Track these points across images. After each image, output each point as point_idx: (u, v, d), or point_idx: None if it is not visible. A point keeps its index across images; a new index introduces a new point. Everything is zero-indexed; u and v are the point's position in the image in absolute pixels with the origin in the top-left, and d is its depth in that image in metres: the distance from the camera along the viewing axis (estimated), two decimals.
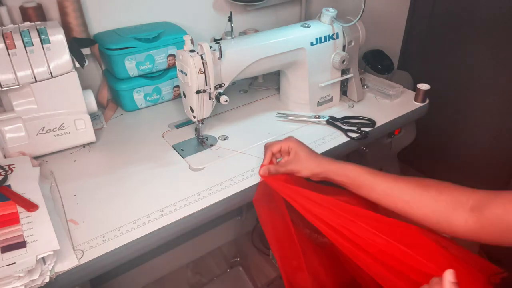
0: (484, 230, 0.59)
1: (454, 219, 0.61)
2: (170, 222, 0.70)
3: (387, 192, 0.67)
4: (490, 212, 0.58)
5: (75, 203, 0.75)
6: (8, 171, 0.76)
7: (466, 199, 0.61)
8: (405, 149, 1.37)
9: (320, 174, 0.72)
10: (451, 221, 0.61)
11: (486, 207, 0.58)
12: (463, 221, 0.60)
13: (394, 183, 0.67)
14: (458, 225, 0.61)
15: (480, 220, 0.59)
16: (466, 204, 0.61)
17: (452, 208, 0.62)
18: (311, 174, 0.72)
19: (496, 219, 0.57)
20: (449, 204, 0.62)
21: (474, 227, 0.59)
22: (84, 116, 0.89)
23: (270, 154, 0.76)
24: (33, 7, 0.92)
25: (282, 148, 0.76)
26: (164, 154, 0.90)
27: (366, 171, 0.70)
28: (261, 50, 0.92)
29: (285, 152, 0.77)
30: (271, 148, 0.77)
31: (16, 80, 0.78)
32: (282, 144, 0.76)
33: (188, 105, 0.90)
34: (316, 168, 0.72)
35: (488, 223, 0.58)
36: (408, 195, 0.65)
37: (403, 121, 1.04)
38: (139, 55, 1.02)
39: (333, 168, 0.72)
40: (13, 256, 0.58)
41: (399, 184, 0.67)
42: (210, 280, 1.30)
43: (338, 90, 1.09)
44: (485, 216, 0.58)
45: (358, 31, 1.04)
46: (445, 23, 1.49)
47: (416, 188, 0.65)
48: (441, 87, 1.53)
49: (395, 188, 0.66)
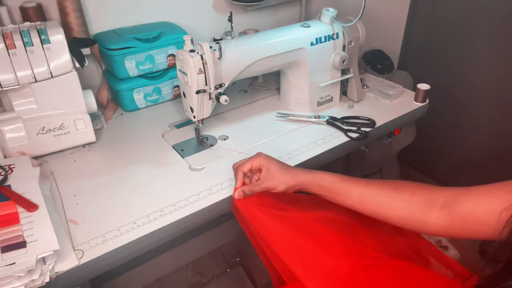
0: (455, 225, 0.60)
1: (427, 218, 0.63)
2: (170, 222, 0.70)
3: (362, 198, 0.68)
4: (460, 207, 0.60)
5: (75, 203, 0.75)
6: (8, 171, 0.76)
7: (436, 198, 0.63)
8: (405, 149, 1.37)
9: (295, 187, 0.72)
10: (425, 221, 0.63)
11: (456, 203, 0.60)
12: (436, 219, 0.62)
13: (367, 189, 0.68)
14: (432, 224, 0.62)
15: (451, 217, 0.60)
16: (437, 202, 0.63)
17: (425, 208, 0.63)
18: (287, 188, 0.71)
19: (466, 214, 0.59)
20: (422, 204, 0.64)
21: (446, 224, 0.61)
22: (84, 116, 0.89)
23: (241, 175, 0.73)
24: (33, 7, 0.92)
25: (252, 166, 0.73)
26: (164, 154, 0.90)
27: (340, 178, 0.71)
28: (261, 50, 0.92)
29: (256, 170, 0.74)
30: (241, 168, 0.73)
31: (16, 80, 0.78)
32: (252, 162, 0.73)
33: (188, 105, 0.90)
34: (291, 181, 0.71)
35: (459, 218, 0.59)
36: (382, 199, 0.66)
37: (403, 121, 1.04)
38: (139, 55, 1.02)
39: (307, 178, 0.71)
40: (13, 256, 0.58)
41: (373, 189, 0.68)
42: (210, 280, 1.30)
43: (338, 90, 1.09)
44: (455, 212, 0.60)
45: (358, 31, 1.04)
46: (445, 23, 1.49)
47: (389, 191, 0.67)
48: (441, 87, 1.53)
49: (369, 194, 0.68)
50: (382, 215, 0.67)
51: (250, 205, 0.70)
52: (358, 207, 0.69)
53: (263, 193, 0.72)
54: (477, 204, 0.58)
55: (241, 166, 0.74)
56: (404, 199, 0.65)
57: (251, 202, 0.71)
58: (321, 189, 0.71)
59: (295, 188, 0.72)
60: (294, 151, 0.90)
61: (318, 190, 0.71)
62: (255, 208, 0.70)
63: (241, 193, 0.70)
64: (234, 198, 0.71)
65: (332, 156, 0.91)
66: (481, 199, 0.58)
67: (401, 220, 0.65)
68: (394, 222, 0.66)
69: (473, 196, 0.59)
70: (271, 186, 0.71)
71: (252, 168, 0.73)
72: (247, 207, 0.70)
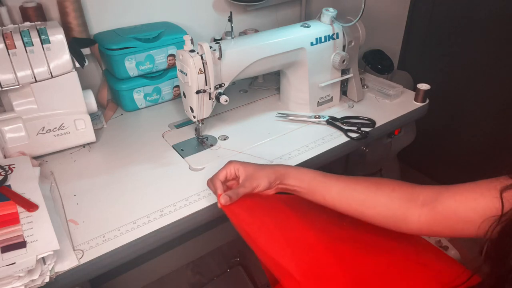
0: (438, 223, 0.60)
1: (408, 215, 0.62)
2: (170, 222, 0.70)
3: (341, 194, 0.67)
4: (442, 205, 0.59)
5: (75, 203, 0.75)
6: (8, 171, 0.76)
7: (417, 195, 0.62)
8: (405, 149, 1.37)
9: (276, 181, 0.70)
10: (406, 218, 0.62)
11: (437, 201, 0.60)
12: (417, 216, 0.61)
13: (347, 184, 0.67)
14: (413, 221, 0.62)
15: (433, 215, 0.60)
16: (418, 199, 0.62)
17: (406, 205, 0.62)
18: (269, 182, 0.69)
19: (448, 212, 0.58)
20: (402, 201, 0.63)
21: (427, 222, 0.60)
22: (84, 116, 0.89)
23: (219, 183, 0.69)
24: (33, 7, 0.92)
25: (227, 173, 0.71)
26: (164, 154, 0.90)
27: (320, 174, 0.70)
28: (261, 50, 0.92)
29: (232, 176, 0.72)
30: (217, 177, 0.70)
31: (16, 80, 0.79)
32: (226, 169, 0.71)
33: (188, 105, 0.90)
34: (272, 174, 0.69)
35: (441, 216, 0.59)
36: (362, 195, 0.65)
37: (403, 121, 1.04)
38: (139, 55, 1.02)
39: (288, 171, 0.70)
40: (13, 256, 0.58)
41: (353, 185, 0.67)
42: (210, 280, 1.30)
43: (338, 90, 1.09)
44: (437, 210, 0.59)
45: (358, 31, 1.04)
46: (445, 23, 1.49)
47: (369, 187, 0.66)
48: (441, 87, 1.53)
49: (349, 189, 0.66)
50: (362, 213, 0.66)
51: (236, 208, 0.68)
52: (338, 204, 0.67)
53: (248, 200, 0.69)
54: (460, 202, 0.57)
55: (216, 175, 0.71)
56: (384, 195, 0.64)
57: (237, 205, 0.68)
58: (301, 183, 0.69)
59: (277, 182, 0.70)
60: (294, 151, 0.90)
61: (299, 185, 0.69)
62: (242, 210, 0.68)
63: (227, 197, 0.66)
64: (220, 204, 0.67)
65: (332, 156, 0.91)
66: (463, 197, 0.57)
67: (382, 217, 0.64)
68: (375, 220, 0.65)
69: (455, 194, 0.59)
70: (254, 184, 0.69)
71: (227, 175, 0.71)
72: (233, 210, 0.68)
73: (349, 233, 0.70)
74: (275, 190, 0.71)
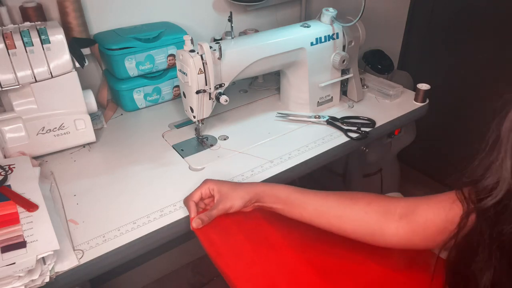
0: (416, 235, 0.59)
1: (385, 228, 0.62)
2: (170, 222, 0.70)
3: (319, 209, 0.66)
4: (420, 217, 0.59)
5: (75, 203, 0.75)
6: (8, 171, 0.76)
7: (394, 208, 0.62)
8: (405, 149, 1.37)
9: (252, 200, 0.69)
10: (383, 231, 0.62)
11: (414, 212, 0.60)
12: (394, 229, 0.61)
13: (324, 200, 0.66)
14: (391, 234, 0.61)
15: (411, 226, 0.60)
16: (395, 212, 0.62)
17: (382, 218, 0.62)
18: (243, 203, 0.68)
19: (427, 223, 0.58)
20: (379, 214, 0.62)
21: (406, 235, 0.60)
22: (84, 116, 0.89)
23: (193, 204, 0.69)
24: (33, 7, 0.92)
25: (202, 193, 0.70)
26: (164, 154, 0.90)
27: (296, 190, 0.69)
28: (261, 50, 0.92)
29: (207, 196, 0.71)
30: (192, 198, 0.70)
31: (16, 80, 0.78)
32: (201, 189, 0.70)
33: (188, 105, 0.90)
34: (246, 195, 0.68)
35: (420, 228, 0.59)
36: (339, 210, 0.65)
37: (403, 121, 1.04)
38: (139, 55, 1.02)
39: (263, 189, 0.69)
40: (13, 256, 0.58)
41: (330, 200, 0.66)
42: (210, 280, 1.30)
43: (338, 90, 1.09)
44: (416, 222, 0.59)
45: (358, 31, 1.04)
46: (445, 23, 1.49)
47: (345, 201, 0.65)
48: (441, 87, 1.52)
49: (326, 205, 0.66)
50: (339, 227, 0.65)
51: (209, 229, 0.67)
52: (315, 220, 0.66)
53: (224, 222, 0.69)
54: (437, 213, 0.57)
55: (190, 196, 0.70)
56: (360, 209, 0.64)
57: (211, 226, 0.67)
58: (277, 200, 0.68)
59: (252, 201, 0.69)
60: (294, 151, 0.90)
61: (274, 202, 0.68)
62: (215, 232, 0.67)
63: (199, 220, 0.66)
64: (192, 228, 0.67)
65: (332, 156, 0.91)
66: (441, 207, 0.57)
67: (359, 231, 0.64)
68: (353, 235, 0.64)
69: (432, 204, 0.58)
70: (227, 206, 0.68)
71: (202, 195, 0.70)
72: (205, 232, 0.67)
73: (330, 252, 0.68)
74: (251, 208, 0.70)
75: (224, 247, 0.65)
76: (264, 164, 0.85)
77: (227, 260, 0.63)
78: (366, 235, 0.64)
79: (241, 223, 0.69)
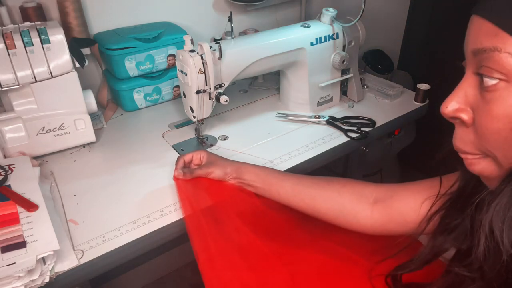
0: (393, 221, 0.60)
1: (359, 211, 0.62)
2: (170, 222, 0.70)
3: (295, 188, 0.69)
4: (399, 202, 0.59)
5: (75, 203, 0.75)
6: (8, 171, 0.76)
7: (369, 192, 0.63)
8: (405, 149, 1.37)
9: (232, 173, 0.74)
10: (357, 214, 0.62)
11: (393, 198, 0.60)
12: (369, 213, 0.61)
13: (300, 180, 0.70)
14: (364, 218, 0.62)
15: (388, 212, 0.60)
16: (370, 197, 0.62)
17: (356, 201, 0.63)
18: (224, 173, 0.74)
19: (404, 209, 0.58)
20: (353, 196, 0.64)
21: (382, 219, 0.61)
22: (84, 116, 0.89)
23: (182, 161, 0.76)
24: (33, 7, 0.92)
25: (193, 157, 0.77)
26: (164, 154, 0.90)
27: (275, 170, 0.75)
28: (261, 50, 0.92)
29: (197, 162, 0.78)
30: (183, 157, 0.77)
31: (16, 80, 0.78)
32: (194, 153, 0.77)
33: (188, 105, 0.90)
34: (228, 167, 0.74)
35: (396, 213, 0.59)
36: (314, 190, 0.67)
37: (403, 121, 1.04)
38: (139, 55, 1.02)
39: (245, 166, 0.75)
40: (13, 256, 0.58)
41: (305, 181, 0.69)
42: None
43: (338, 90, 1.09)
44: (393, 207, 0.59)
45: (358, 31, 1.04)
46: (445, 23, 1.49)
47: (320, 182, 0.68)
48: (441, 87, 1.52)
49: (301, 185, 0.69)
50: (314, 208, 0.67)
51: (189, 184, 0.73)
52: (291, 200, 0.69)
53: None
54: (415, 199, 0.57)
55: (183, 155, 0.77)
56: (334, 190, 0.66)
57: (191, 182, 0.74)
58: (257, 178, 0.72)
59: (232, 175, 0.74)
60: (294, 151, 0.90)
61: (254, 179, 0.72)
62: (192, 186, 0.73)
63: (181, 172, 0.74)
64: (174, 178, 0.75)
65: (332, 156, 0.91)
66: (419, 194, 0.57)
67: (332, 213, 0.65)
68: (327, 215, 0.66)
69: (411, 191, 0.59)
70: (209, 170, 0.74)
71: (193, 158, 0.77)
72: (184, 185, 0.74)
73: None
74: (232, 181, 0.74)
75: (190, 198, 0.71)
76: (264, 164, 0.85)
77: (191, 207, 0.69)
78: (339, 216, 0.65)
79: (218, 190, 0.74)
